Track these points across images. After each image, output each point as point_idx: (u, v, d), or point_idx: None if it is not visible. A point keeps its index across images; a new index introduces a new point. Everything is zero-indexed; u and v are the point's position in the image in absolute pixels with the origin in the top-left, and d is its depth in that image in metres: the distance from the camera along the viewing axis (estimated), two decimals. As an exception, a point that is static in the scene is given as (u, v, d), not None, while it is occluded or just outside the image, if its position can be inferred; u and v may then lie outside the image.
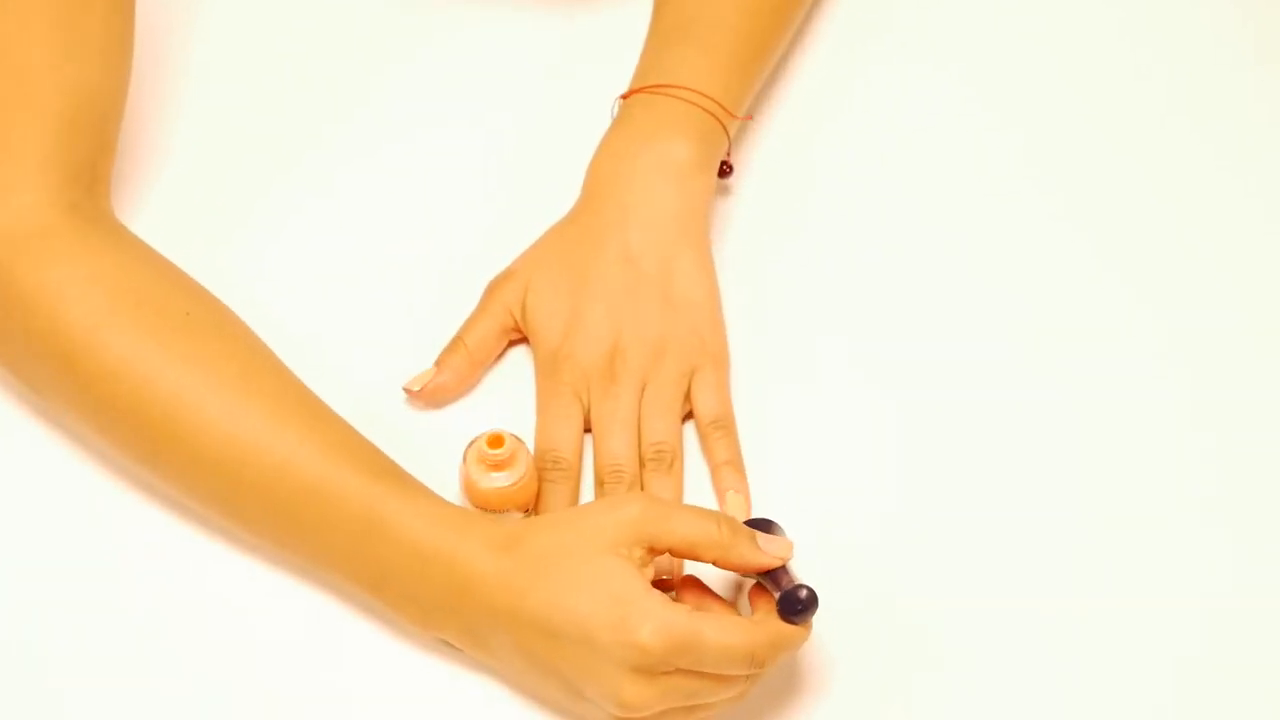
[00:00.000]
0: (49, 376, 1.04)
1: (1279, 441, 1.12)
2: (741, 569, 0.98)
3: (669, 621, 0.94)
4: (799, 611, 0.97)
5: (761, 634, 0.96)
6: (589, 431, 1.10)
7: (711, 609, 1.00)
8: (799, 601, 0.97)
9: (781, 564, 0.99)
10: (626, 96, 1.17)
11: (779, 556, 0.99)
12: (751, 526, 1.00)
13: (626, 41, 1.23)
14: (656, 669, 0.95)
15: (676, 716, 0.98)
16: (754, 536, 0.98)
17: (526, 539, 0.98)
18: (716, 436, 1.10)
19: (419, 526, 0.99)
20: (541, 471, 1.08)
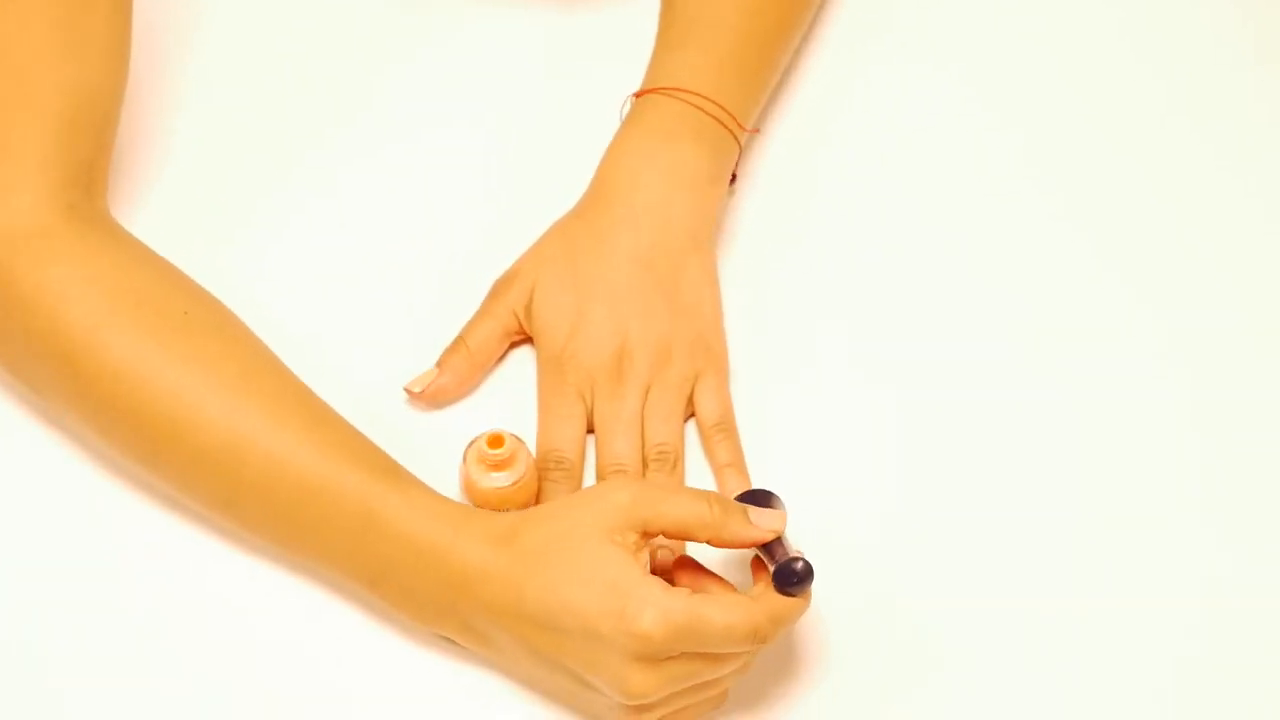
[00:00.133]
0: (49, 376, 1.04)
1: (1279, 441, 1.12)
2: (736, 545, 0.98)
3: (669, 608, 0.94)
4: (795, 583, 0.97)
5: (761, 610, 0.96)
6: (590, 432, 1.11)
7: (709, 588, 1.00)
8: (794, 574, 0.97)
9: (776, 537, 0.99)
10: (640, 95, 1.16)
11: (772, 530, 0.98)
12: (749, 498, 1.00)
13: (627, 41, 1.23)
14: (660, 655, 0.95)
15: (685, 697, 0.98)
16: (745, 512, 0.98)
17: (522, 532, 0.98)
18: (720, 439, 1.10)
19: (416, 523, 0.99)
20: (544, 471, 1.08)
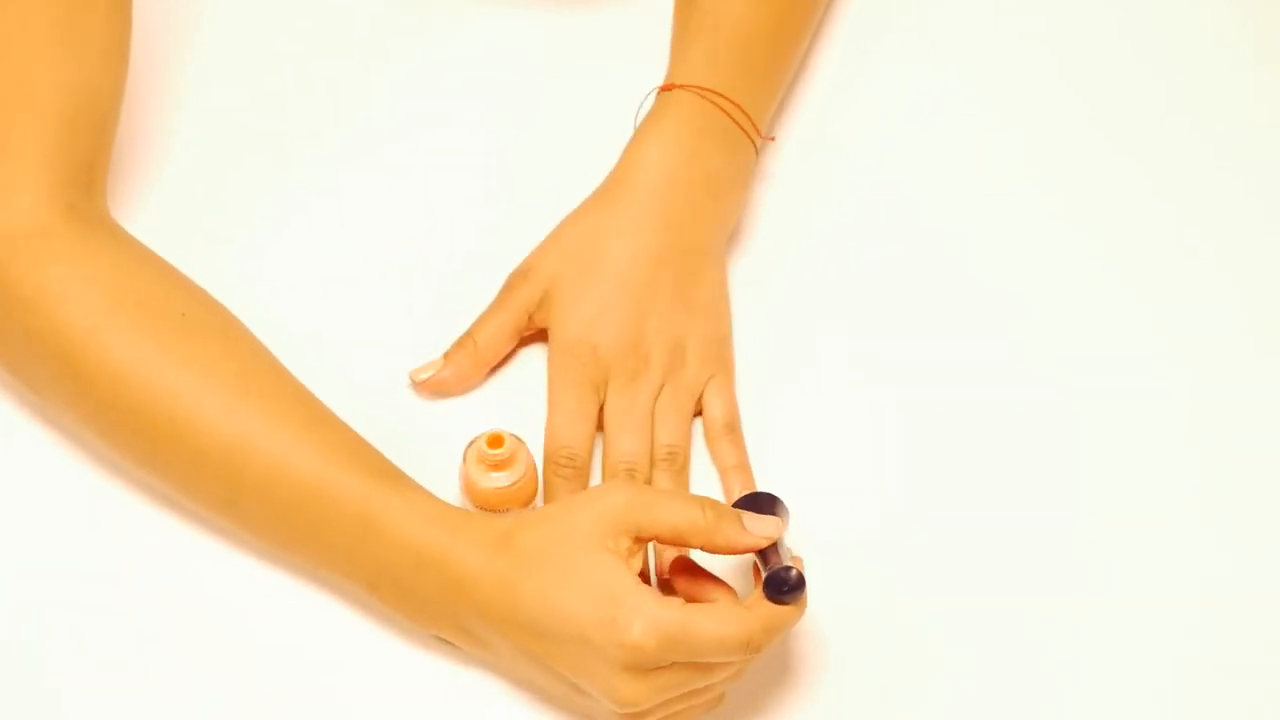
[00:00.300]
0: (48, 377, 1.04)
1: (1279, 442, 1.12)
2: (730, 552, 0.98)
3: (660, 618, 0.94)
4: (785, 592, 0.96)
5: (755, 620, 0.95)
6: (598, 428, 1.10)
7: (707, 592, 0.99)
8: (784, 582, 0.96)
9: (770, 544, 0.98)
10: (668, 89, 1.15)
11: (766, 537, 0.98)
12: (753, 501, 1.00)
13: (627, 41, 1.23)
14: (650, 665, 0.95)
15: (678, 703, 0.98)
16: (740, 519, 0.98)
17: (517, 536, 0.97)
18: (727, 441, 1.10)
19: (414, 526, 0.99)
20: (552, 466, 1.08)
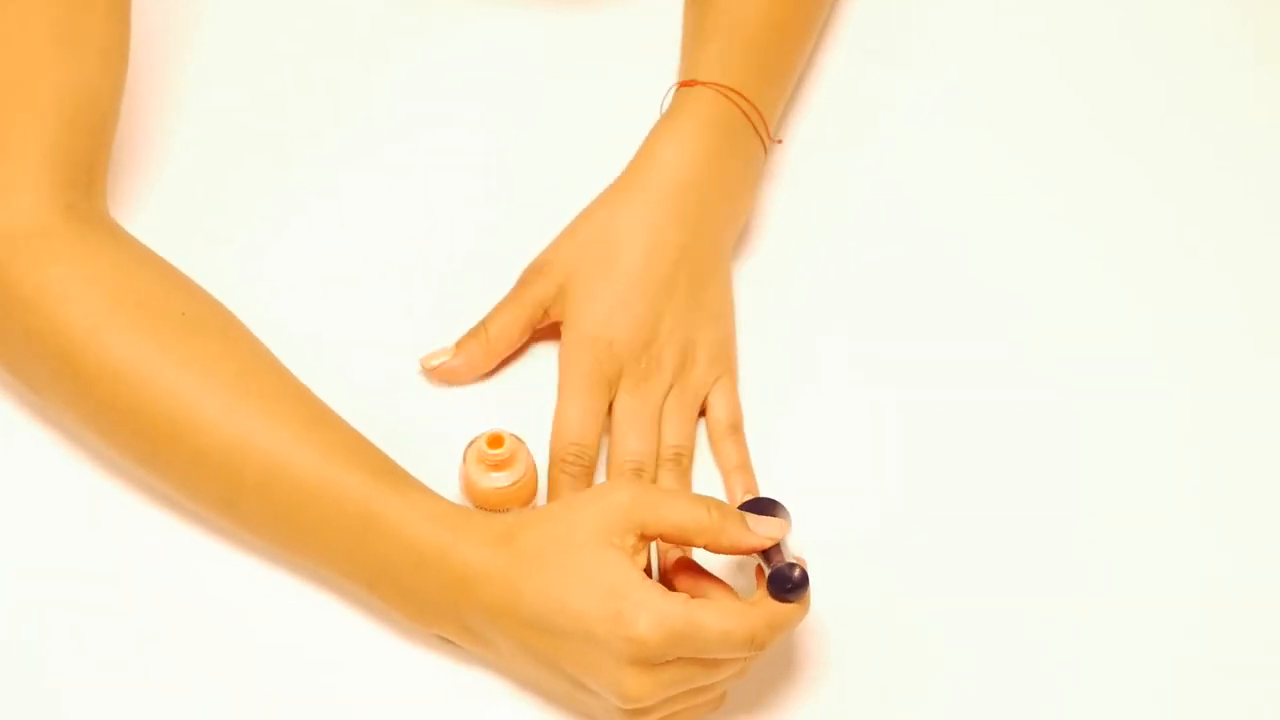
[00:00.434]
0: (48, 377, 1.04)
1: (1279, 442, 1.12)
2: (733, 551, 0.98)
3: (665, 613, 0.94)
4: (789, 590, 0.96)
5: (759, 616, 0.96)
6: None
7: (708, 592, 1.00)
8: (788, 579, 0.96)
9: (774, 544, 0.98)
10: (689, 85, 1.14)
11: (770, 537, 0.98)
12: (755, 505, 1.00)
13: (627, 41, 1.23)
14: (655, 660, 0.95)
15: (682, 701, 0.98)
16: (744, 519, 0.98)
17: (520, 534, 0.97)
18: (731, 441, 1.10)
19: (415, 524, 0.99)
20: (559, 462, 1.08)
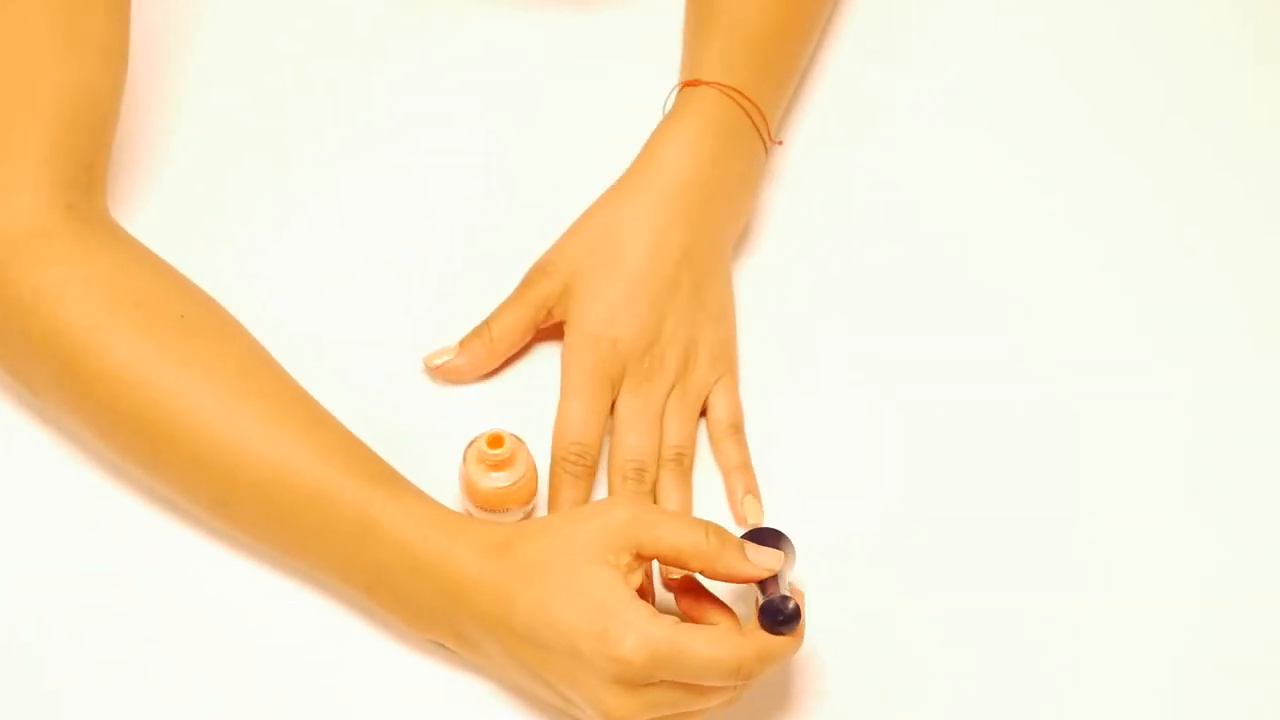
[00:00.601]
0: (47, 377, 1.03)
1: (1279, 441, 1.12)
2: (729, 579, 0.97)
3: (651, 635, 0.94)
4: (780, 623, 0.95)
5: (748, 647, 0.95)
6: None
7: (707, 616, 0.99)
8: (780, 613, 0.95)
9: (770, 575, 0.97)
10: (693, 84, 1.14)
11: (767, 568, 0.97)
12: (758, 535, 0.99)
13: (627, 41, 1.23)
14: (639, 681, 0.94)
15: None
16: (743, 547, 0.97)
17: (516, 545, 0.97)
18: (732, 441, 1.10)
19: (411, 530, 0.99)
20: (560, 461, 1.08)
